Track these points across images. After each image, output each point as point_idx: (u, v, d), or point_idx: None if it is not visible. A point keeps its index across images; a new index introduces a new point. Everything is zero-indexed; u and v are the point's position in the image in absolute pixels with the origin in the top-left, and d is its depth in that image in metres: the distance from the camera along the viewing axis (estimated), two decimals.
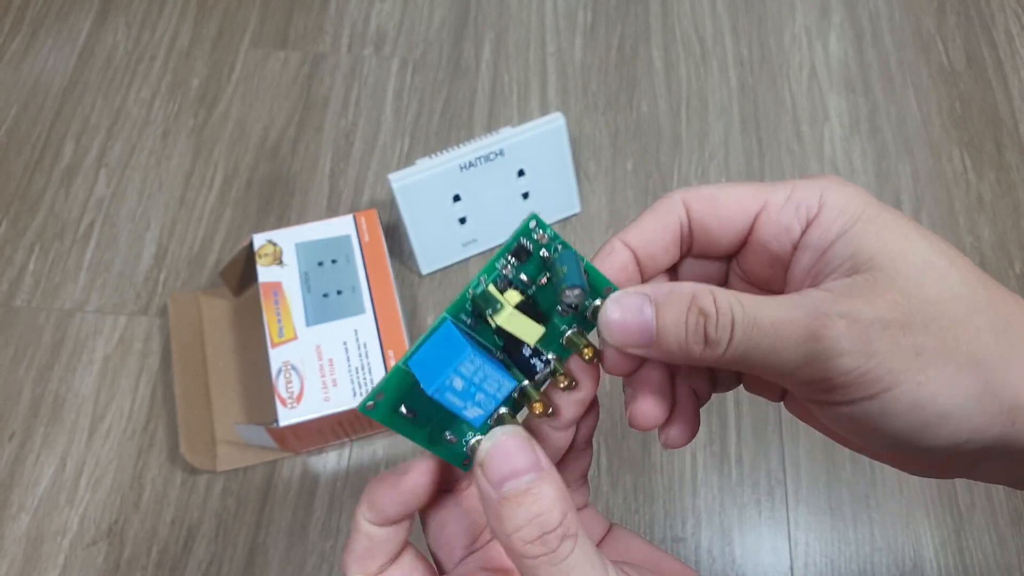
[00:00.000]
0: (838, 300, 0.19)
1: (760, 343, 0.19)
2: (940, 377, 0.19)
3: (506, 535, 0.19)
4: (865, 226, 0.20)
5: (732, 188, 0.22)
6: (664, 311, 0.20)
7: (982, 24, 0.74)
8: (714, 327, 0.19)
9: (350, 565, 0.22)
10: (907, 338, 0.19)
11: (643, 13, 0.75)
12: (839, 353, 0.19)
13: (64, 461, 0.54)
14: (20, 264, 0.62)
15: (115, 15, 0.75)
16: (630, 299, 0.20)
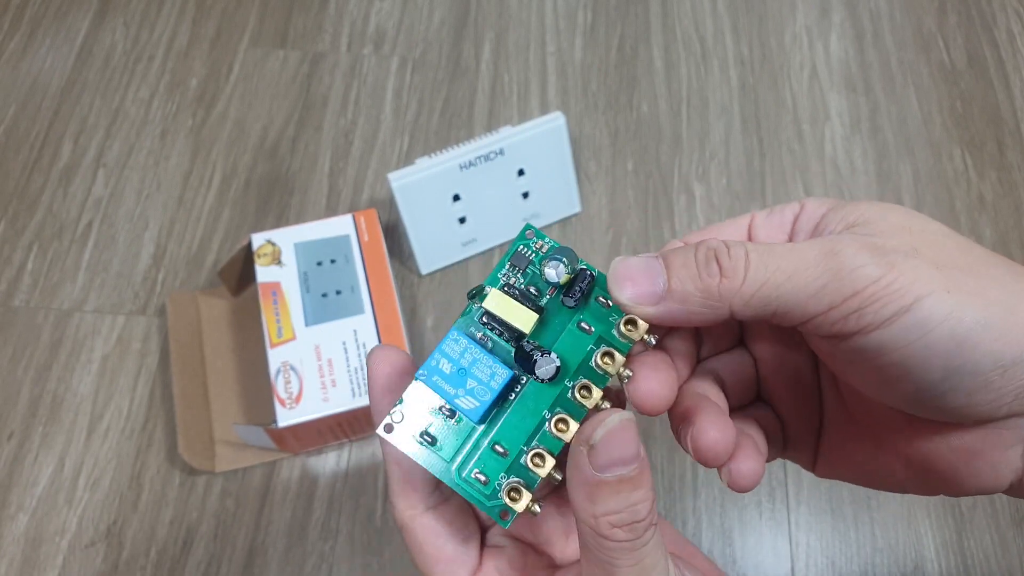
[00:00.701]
0: (844, 234, 0.20)
1: (780, 266, 0.19)
2: (968, 287, 0.18)
3: (594, 516, 0.19)
4: (843, 205, 0.21)
5: (721, 224, 0.24)
6: (671, 257, 0.20)
7: (983, 23, 0.74)
8: (727, 256, 0.19)
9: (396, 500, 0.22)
10: (921, 257, 0.19)
11: (643, 13, 0.75)
12: (860, 264, 0.18)
13: (62, 461, 0.54)
14: (18, 264, 0.62)
15: (113, 15, 0.75)
16: (632, 259, 0.20)
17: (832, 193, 0.65)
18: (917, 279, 0.18)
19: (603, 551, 0.19)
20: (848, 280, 0.18)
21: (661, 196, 0.65)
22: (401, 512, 0.22)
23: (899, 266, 0.18)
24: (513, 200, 0.61)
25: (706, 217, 0.64)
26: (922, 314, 0.18)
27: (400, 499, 0.22)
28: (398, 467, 0.22)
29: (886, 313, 0.18)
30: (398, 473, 0.22)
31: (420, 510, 0.22)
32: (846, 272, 0.18)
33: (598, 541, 0.19)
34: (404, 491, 0.22)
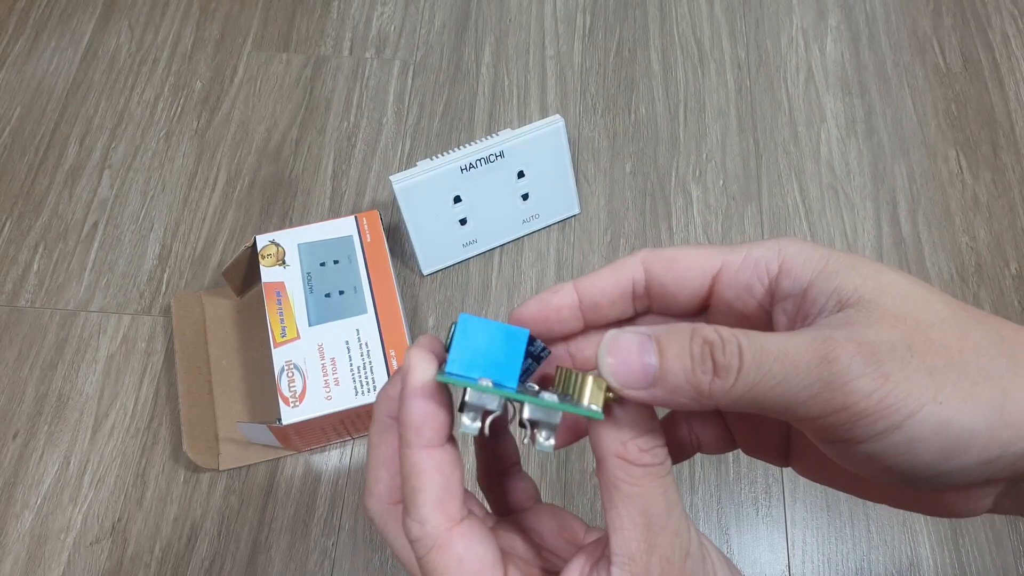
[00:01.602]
0: (838, 329, 0.19)
1: (771, 369, 0.18)
2: (959, 392, 0.18)
3: (623, 442, 0.20)
4: (836, 265, 0.20)
5: (692, 250, 0.22)
6: (666, 342, 0.19)
7: (978, 26, 0.75)
8: (721, 352, 0.19)
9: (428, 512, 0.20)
10: (916, 358, 0.18)
11: (641, 17, 0.76)
12: (854, 375, 0.18)
13: (68, 459, 0.54)
14: (24, 264, 0.62)
15: (118, 17, 0.75)
16: (627, 336, 0.19)
17: (828, 194, 0.66)
18: (910, 393, 0.18)
19: (633, 480, 0.19)
20: (840, 393, 0.18)
21: (659, 198, 0.66)
22: (436, 528, 0.20)
23: (893, 377, 0.18)
24: (513, 202, 0.61)
25: (703, 218, 0.65)
26: (912, 431, 0.18)
27: (437, 512, 0.20)
28: (440, 475, 0.20)
29: (876, 429, 0.18)
30: (440, 481, 0.20)
31: (457, 520, 0.20)
32: (838, 384, 0.18)
33: (628, 471, 0.20)
34: (444, 501, 0.20)
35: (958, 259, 0.63)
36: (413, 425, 0.20)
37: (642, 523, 0.20)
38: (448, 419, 0.20)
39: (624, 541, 0.20)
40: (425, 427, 0.20)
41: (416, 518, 0.20)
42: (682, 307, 0.23)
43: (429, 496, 0.20)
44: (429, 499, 0.20)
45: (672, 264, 0.22)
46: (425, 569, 0.20)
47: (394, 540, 0.22)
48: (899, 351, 0.18)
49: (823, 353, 0.18)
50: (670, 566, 0.20)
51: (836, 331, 0.19)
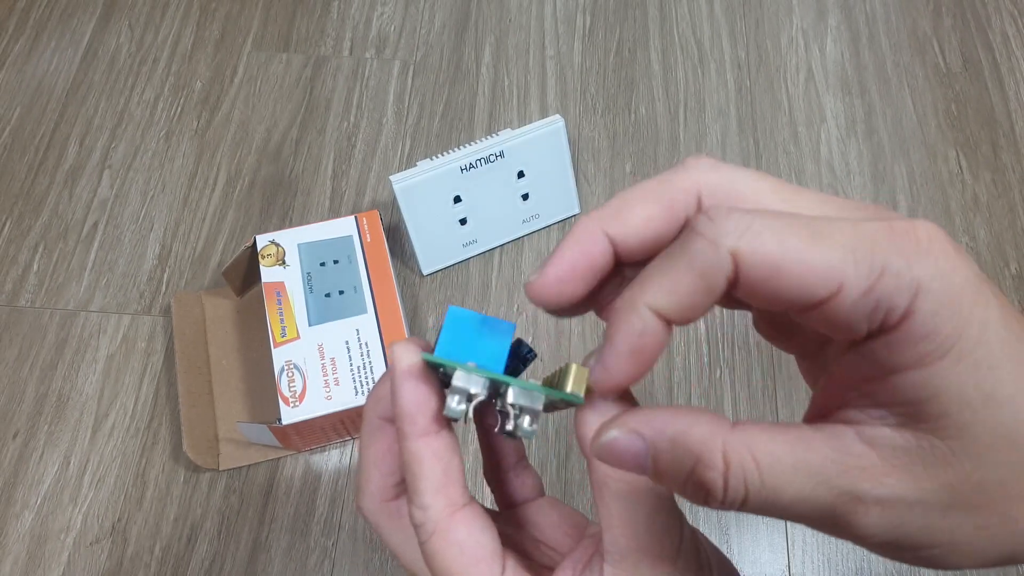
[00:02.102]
0: (879, 475, 0.16)
1: (773, 513, 0.17)
2: (966, 552, 0.16)
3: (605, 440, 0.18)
4: (951, 367, 0.15)
5: (805, 250, 0.15)
6: (662, 468, 0.17)
7: (978, 26, 0.75)
8: (718, 501, 0.16)
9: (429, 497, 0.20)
10: (946, 520, 0.16)
11: (641, 17, 0.76)
12: (863, 536, 0.16)
13: (68, 459, 0.54)
14: (24, 264, 0.62)
15: (118, 17, 0.75)
16: (623, 443, 0.17)
17: None
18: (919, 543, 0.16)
19: (619, 475, 0.19)
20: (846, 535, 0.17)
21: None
22: (438, 513, 0.20)
23: (911, 536, 0.16)
24: (513, 202, 0.62)
25: None
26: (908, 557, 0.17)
27: (439, 498, 0.20)
28: (439, 461, 0.20)
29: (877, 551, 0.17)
30: (439, 468, 0.20)
31: (459, 506, 0.20)
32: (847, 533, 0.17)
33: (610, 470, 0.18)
34: (444, 487, 0.20)
35: None
36: (407, 414, 0.20)
37: (630, 519, 0.19)
38: (441, 406, 0.20)
39: (614, 539, 0.19)
40: (419, 415, 0.20)
41: (419, 504, 0.20)
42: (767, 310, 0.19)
43: (430, 483, 0.20)
44: (430, 486, 0.20)
45: (775, 276, 0.16)
46: (427, 554, 0.20)
47: (389, 537, 0.22)
48: (933, 513, 0.16)
49: (840, 513, 0.16)
50: (661, 563, 0.19)
51: (873, 483, 0.16)
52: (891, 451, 0.16)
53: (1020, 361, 0.15)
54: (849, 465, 0.16)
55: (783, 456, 0.16)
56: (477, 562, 0.20)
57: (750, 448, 0.16)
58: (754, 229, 0.16)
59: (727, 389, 0.57)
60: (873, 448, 0.16)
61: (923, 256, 0.15)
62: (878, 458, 0.16)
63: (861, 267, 0.15)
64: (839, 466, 0.16)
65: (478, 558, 0.20)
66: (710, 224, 0.16)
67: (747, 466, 0.16)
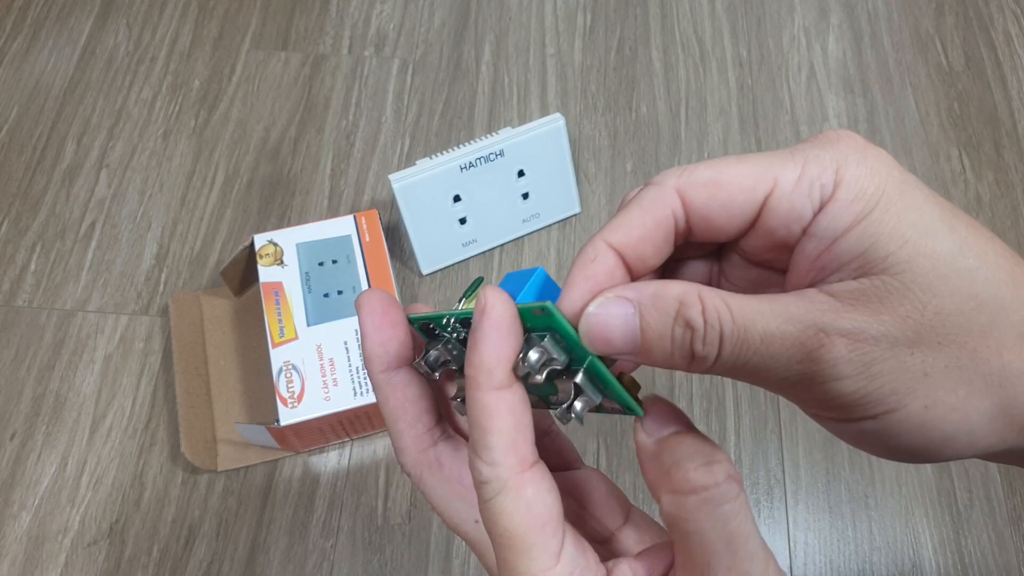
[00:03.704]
0: (841, 312, 0.17)
1: (750, 360, 0.18)
2: (949, 399, 0.17)
3: (666, 470, 0.18)
4: (882, 215, 0.18)
5: (733, 167, 0.19)
6: (649, 320, 0.18)
7: (980, 25, 0.75)
8: (701, 342, 0.18)
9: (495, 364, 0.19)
10: (915, 357, 0.17)
11: (642, 15, 0.75)
12: (836, 377, 0.17)
13: (65, 460, 0.54)
14: (22, 264, 0.62)
15: (116, 16, 0.75)
16: (613, 307, 0.18)
17: None
18: (895, 391, 0.17)
19: (687, 515, 0.18)
20: (820, 389, 0.18)
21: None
22: (508, 470, 0.19)
23: (881, 376, 0.17)
24: (513, 201, 0.61)
25: None
26: (890, 424, 0.18)
27: (510, 454, 0.19)
28: (512, 416, 0.19)
29: (853, 416, 0.18)
30: (512, 422, 0.19)
31: (529, 463, 0.19)
32: (820, 381, 0.18)
33: (679, 504, 0.18)
34: (516, 443, 0.19)
35: None
36: (486, 365, 0.19)
37: (702, 563, 0.18)
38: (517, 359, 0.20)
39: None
40: (498, 367, 0.19)
41: (488, 460, 0.19)
42: (724, 238, 0.21)
43: (502, 438, 0.19)
44: (502, 441, 0.19)
45: (716, 190, 0.19)
46: (491, 512, 0.19)
47: (432, 492, 0.22)
48: (898, 348, 0.17)
49: (809, 349, 0.17)
50: None
51: (835, 318, 0.17)
52: (848, 294, 0.18)
53: (944, 207, 0.18)
54: (813, 307, 0.18)
55: (752, 302, 0.18)
56: (544, 524, 0.19)
57: (722, 296, 0.18)
58: (689, 168, 0.19)
59: (729, 390, 0.57)
60: (833, 295, 0.18)
61: (839, 142, 0.19)
62: (837, 301, 0.18)
63: (787, 163, 0.18)
64: (804, 307, 0.18)
65: (544, 520, 0.19)
66: (657, 177, 0.20)
67: (720, 308, 0.18)
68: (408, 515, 0.52)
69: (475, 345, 0.19)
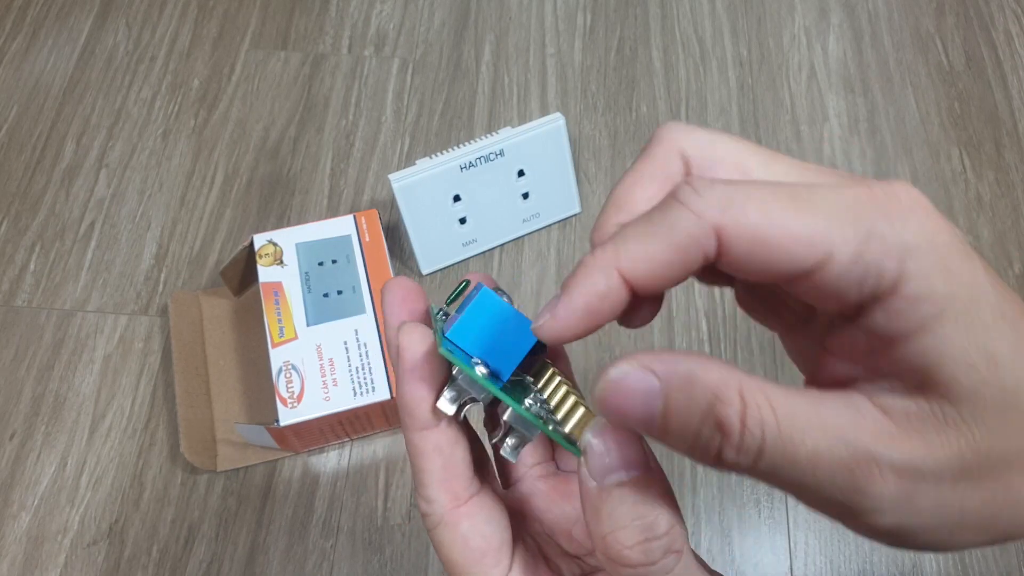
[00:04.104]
0: (895, 439, 0.15)
1: (786, 475, 0.15)
2: (971, 529, 0.16)
3: (603, 534, 0.17)
4: (951, 330, 0.15)
5: (789, 219, 0.15)
6: (674, 407, 0.15)
7: (981, 24, 0.74)
8: (734, 450, 0.15)
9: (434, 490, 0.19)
10: (956, 492, 0.15)
11: (642, 15, 0.75)
12: (876, 510, 0.15)
13: (65, 460, 0.54)
14: (21, 264, 0.62)
15: (115, 15, 0.75)
16: (635, 379, 0.16)
17: None
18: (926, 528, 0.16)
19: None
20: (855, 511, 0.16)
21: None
22: (442, 507, 0.19)
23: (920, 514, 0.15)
24: (513, 201, 0.61)
25: None
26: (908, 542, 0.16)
27: (442, 491, 0.19)
28: (439, 455, 0.19)
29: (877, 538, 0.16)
30: (439, 462, 0.19)
31: (463, 499, 0.20)
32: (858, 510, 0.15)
33: (613, 568, 0.17)
34: (446, 481, 0.19)
35: None
36: (406, 407, 0.19)
37: None
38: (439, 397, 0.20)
39: None
40: (417, 409, 0.19)
41: (423, 496, 0.20)
42: (751, 283, 0.18)
43: (432, 476, 0.20)
44: (432, 479, 0.20)
45: (759, 248, 0.15)
46: (434, 543, 0.20)
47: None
48: (943, 484, 0.15)
49: (855, 480, 0.15)
50: None
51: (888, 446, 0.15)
52: (905, 417, 0.15)
53: (1011, 319, 0.15)
54: (866, 427, 0.15)
55: (800, 408, 0.15)
56: (481, 556, 0.19)
57: (766, 394, 0.15)
58: (738, 201, 0.15)
59: None
60: (887, 414, 0.15)
61: (907, 217, 0.15)
62: (893, 423, 0.15)
63: (847, 233, 0.15)
64: (856, 426, 0.15)
65: (482, 551, 0.19)
66: (694, 196, 0.16)
67: (764, 410, 0.15)
68: (408, 515, 0.52)
69: (397, 388, 0.20)
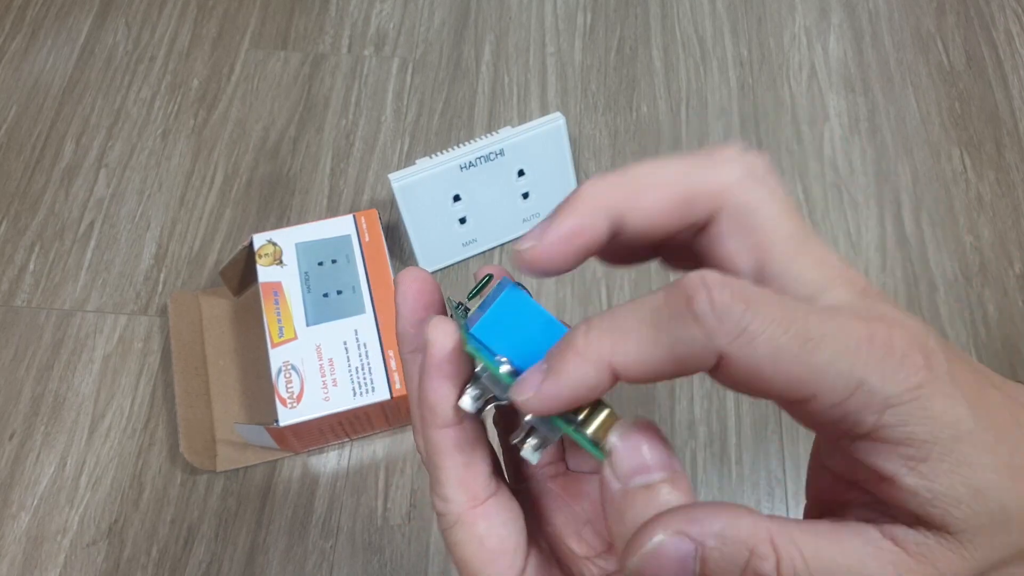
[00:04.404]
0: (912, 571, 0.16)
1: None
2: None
3: (626, 536, 0.17)
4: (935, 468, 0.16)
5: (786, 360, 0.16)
6: (713, 569, 0.16)
7: (982, 24, 0.74)
8: None
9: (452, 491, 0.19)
10: None
11: (643, 14, 0.75)
12: None
13: (64, 460, 0.54)
14: (20, 264, 0.62)
15: (115, 15, 0.75)
16: (671, 548, 0.16)
17: (831, 193, 0.65)
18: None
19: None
20: None
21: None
22: (460, 506, 0.19)
23: None
24: (513, 200, 0.61)
25: None
26: None
27: (460, 491, 0.19)
28: (460, 453, 0.19)
29: None
30: (460, 460, 0.19)
31: (481, 499, 0.19)
32: None
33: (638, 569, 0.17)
34: (465, 480, 0.19)
35: (962, 259, 0.62)
36: (429, 403, 0.19)
37: None
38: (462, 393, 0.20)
39: None
40: (439, 405, 0.19)
41: (440, 495, 0.19)
42: None
43: (451, 474, 0.19)
44: (451, 477, 0.19)
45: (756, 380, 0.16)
46: (448, 541, 0.20)
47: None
48: None
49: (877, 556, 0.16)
50: None
51: None
52: (915, 547, 0.16)
53: (991, 447, 0.16)
54: (885, 560, 0.16)
55: (824, 550, 0.16)
56: (497, 557, 0.19)
57: (793, 540, 0.16)
58: (750, 332, 0.16)
59: (730, 391, 0.57)
60: (898, 544, 0.16)
61: (897, 368, 0.16)
62: (906, 555, 0.16)
63: (837, 384, 0.16)
64: (877, 560, 0.16)
65: (498, 552, 0.19)
66: (709, 313, 0.16)
67: (796, 559, 0.16)
68: (408, 515, 0.52)
69: (420, 383, 0.19)
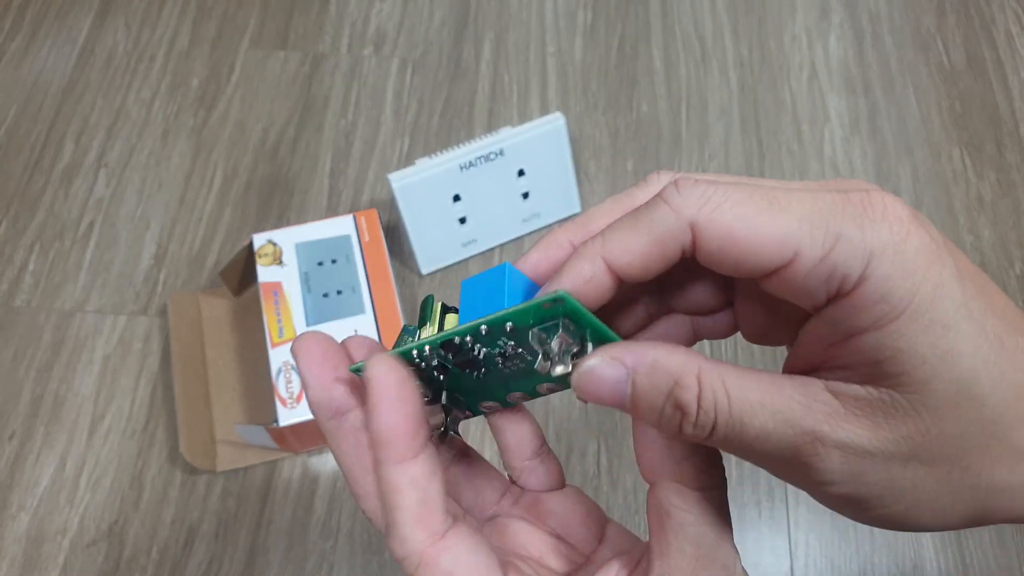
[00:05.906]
0: (841, 420, 0.17)
1: (740, 447, 0.17)
2: (931, 505, 0.18)
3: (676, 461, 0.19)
4: (905, 328, 0.16)
5: (759, 219, 0.17)
6: (640, 392, 0.18)
7: (982, 24, 0.74)
8: (691, 425, 0.17)
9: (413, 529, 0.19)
10: (907, 471, 0.17)
11: (643, 13, 0.75)
12: (826, 482, 0.17)
13: (64, 461, 0.54)
14: (20, 264, 0.62)
15: (115, 15, 0.75)
16: (607, 369, 0.18)
17: None
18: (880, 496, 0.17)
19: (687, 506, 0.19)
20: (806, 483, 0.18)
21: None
22: (420, 545, 0.19)
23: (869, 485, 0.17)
24: (513, 200, 0.61)
25: None
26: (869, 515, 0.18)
27: (417, 529, 0.19)
28: (415, 489, 0.19)
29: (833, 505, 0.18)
30: (415, 496, 0.19)
31: (440, 533, 0.19)
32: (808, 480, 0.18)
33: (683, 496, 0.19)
34: (422, 517, 0.19)
35: None
36: (382, 440, 0.18)
37: (692, 553, 0.19)
38: (420, 426, 0.19)
39: (670, 569, 0.19)
40: (395, 440, 0.18)
41: (397, 538, 0.19)
42: (725, 280, 0.20)
43: (408, 514, 0.19)
44: (408, 516, 0.19)
45: (729, 246, 0.17)
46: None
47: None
48: (893, 463, 0.17)
49: (803, 455, 0.17)
50: None
51: (835, 426, 0.17)
52: (853, 400, 0.17)
53: (974, 320, 0.16)
54: (813, 408, 0.17)
55: (752, 391, 0.17)
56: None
57: (723, 378, 0.17)
58: (714, 200, 0.17)
59: None
60: (837, 397, 0.17)
61: (877, 223, 0.16)
62: (841, 406, 0.17)
63: (816, 236, 0.16)
64: (804, 408, 0.17)
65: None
66: (675, 194, 0.18)
67: (718, 393, 0.17)
68: None
69: (369, 421, 0.19)
